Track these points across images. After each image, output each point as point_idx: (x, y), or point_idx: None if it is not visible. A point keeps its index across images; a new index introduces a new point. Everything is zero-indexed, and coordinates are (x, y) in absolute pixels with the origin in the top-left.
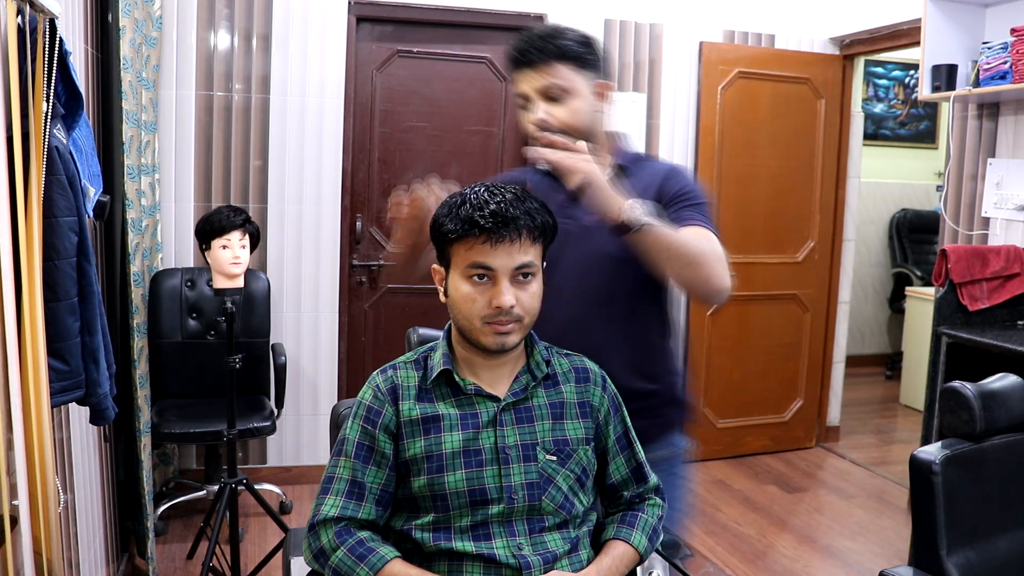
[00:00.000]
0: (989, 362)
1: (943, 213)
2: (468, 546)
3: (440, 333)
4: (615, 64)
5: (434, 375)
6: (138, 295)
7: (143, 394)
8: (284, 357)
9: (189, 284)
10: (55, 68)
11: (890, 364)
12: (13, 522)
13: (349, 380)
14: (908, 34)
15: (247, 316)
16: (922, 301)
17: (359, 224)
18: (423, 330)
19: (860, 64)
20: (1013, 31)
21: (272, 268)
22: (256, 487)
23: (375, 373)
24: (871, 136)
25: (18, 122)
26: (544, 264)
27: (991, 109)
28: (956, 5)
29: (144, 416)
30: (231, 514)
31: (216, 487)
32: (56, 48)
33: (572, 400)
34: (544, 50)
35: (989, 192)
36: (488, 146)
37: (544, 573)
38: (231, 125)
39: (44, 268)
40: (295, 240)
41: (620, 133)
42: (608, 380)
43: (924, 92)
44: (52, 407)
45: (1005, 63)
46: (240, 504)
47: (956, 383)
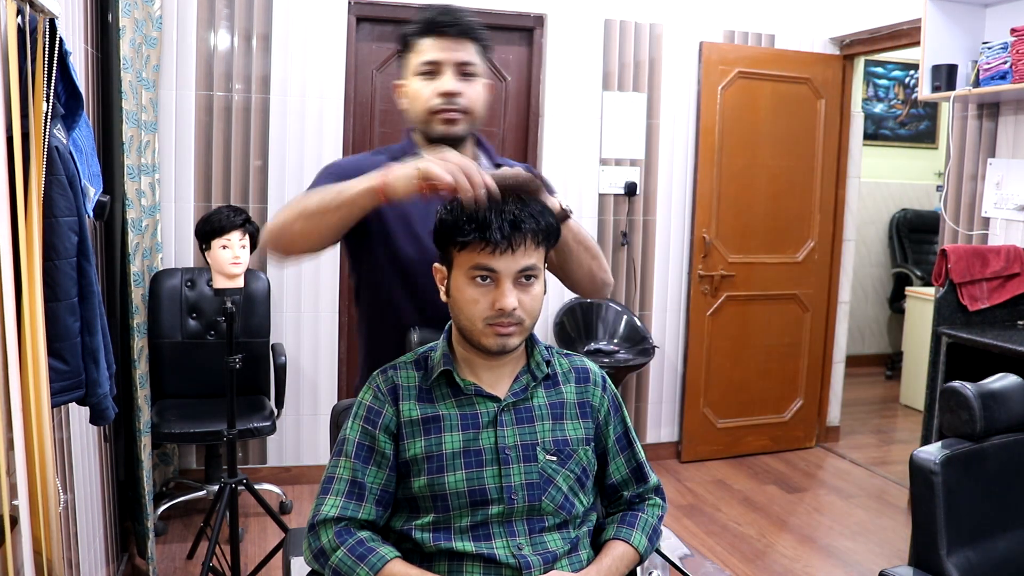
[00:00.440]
0: (989, 362)
1: (943, 213)
2: (468, 546)
3: (440, 333)
4: (615, 64)
5: (434, 375)
6: (138, 295)
7: (143, 394)
8: (284, 357)
9: (189, 284)
10: (55, 68)
11: (890, 364)
12: (13, 522)
13: (349, 380)
14: (908, 34)
15: (247, 316)
16: (922, 301)
17: None
18: (423, 330)
19: (860, 64)
20: (1013, 31)
21: (272, 268)
22: (256, 487)
23: (375, 373)
24: (871, 136)
25: (18, 122)
26: (545, 264)
27: (991, 109)
28: (956, 5)
29: (144, 416)
30: (231, 514)
31: (216, 487)
32: (56, 48)
33: (572, 400)
34: (468, 26)
35: (989, 192)
36: None
37: (544, 573)
38: (231, 125)
39: (44, 268)
40: None
41: None
42: (608, 380)
43: (924, 92)
44: (52, 407)
45: (1005, 63)
46: (240, 504)
47: (956, 383)
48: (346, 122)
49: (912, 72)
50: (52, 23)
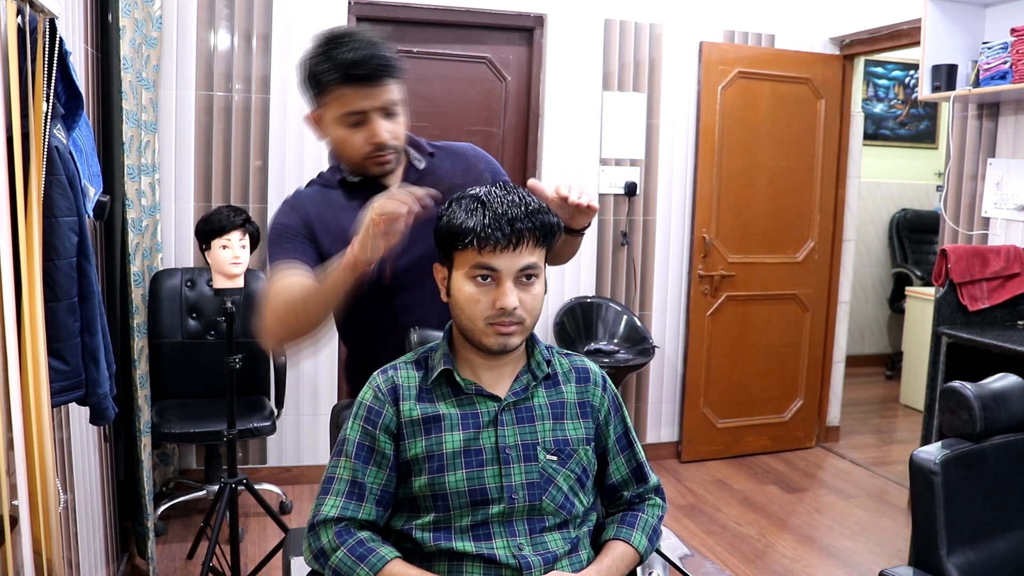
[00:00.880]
0: (989, 362)
1: (943, 213)
2: (468, 546)
3: (440, 333)
4: (615, 64)
5: (435, 375)
6: (138, 295)
7: (143, 394)
8: (284, 357)
9: (189, 284)
10: (55, 68)
11: (890, 364)
12: (13, 522)
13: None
14: (908, 34)
15: (247, 316)
16: (922, 301)
17: None
18: (423, 330)
19: (860, 64)
20: (1013, 31)
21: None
22: (256, 487)
23: (376, 373)
24: (871, 136)
25: (18, 122)
26: (546, 265)
27: (991, 109)
28: (956, 5)
29: (144, 416)
30: (231, 514)
31: (216, 487)
32: (56, 48)
33: (572, 400)
34: (384, 65)
35: (989, 192)
36: (488, 146)
37: (544, 573)
38: (231, 125)
39: (44, 268)
40: None
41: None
42: (608, 380)
43: (924, 92)
44: (52, 407)
45: (1005, 63)
46: (240, 504)
47: (956, 383)
48: None
49: (912, 72)
50: (52, 23)
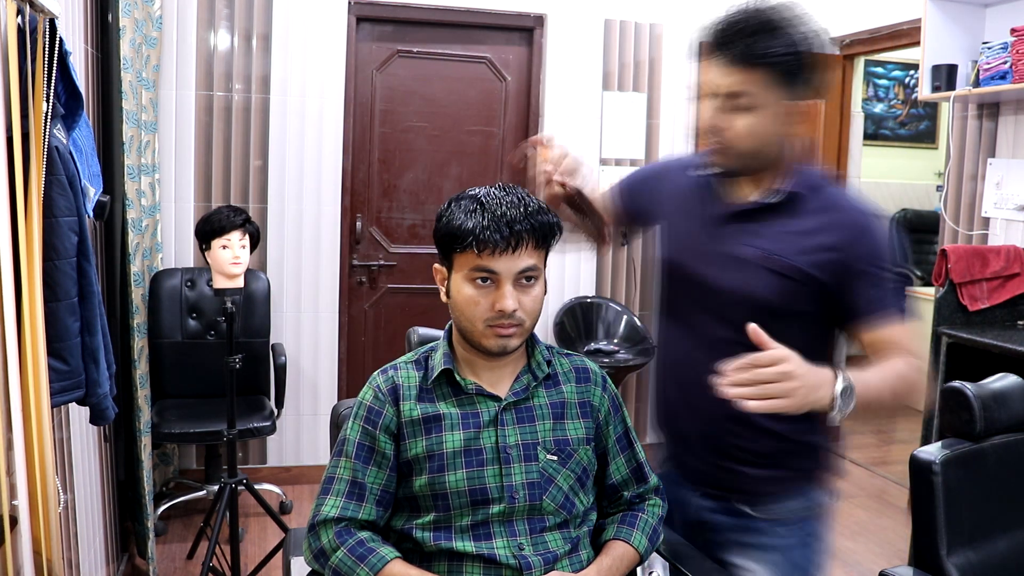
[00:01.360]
0: (989, 362)
1: (943, 213)
2: (468, 546)
3: (440, 333)
4: (615, 64)
5: (435, 375)
6: (138, 295)
7: (143, 394)
8: (284, 357)
9: (189, 284)
10: (55, 68)
11: None
12: (13, 522)
13: (349, 380)
14: (908, 34)
15: (247, 316)
16: (922, 301)
17: (359, 224)
18: (423, 330)
19: (860, 64)
20: (1013, 31)
21: (272, 268)
22: (256, 487)
23: (376, 373)
24: (871, 136)
25: (18, 122)
26: (546, 266)
27: (991, 109)
28: (956, 5)
29: (144, 416)
30: (231, 514)
31: (216, 487)
32: (56, 48)
33: (573, 400)
34: (750, 47)
35: (989, 192)
36: (488, 146)
37: (545, 573)
38: (231, 125)
39: (44, 268)
40: (295, 240)
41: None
42: (608, 380)
43: (924, 92)
44: (52, 407)
45: (1005, 63)
46: (240, 504)
47: (956, 383)
48: (346, 122)
49: (912, 72)
50: (52, 23)
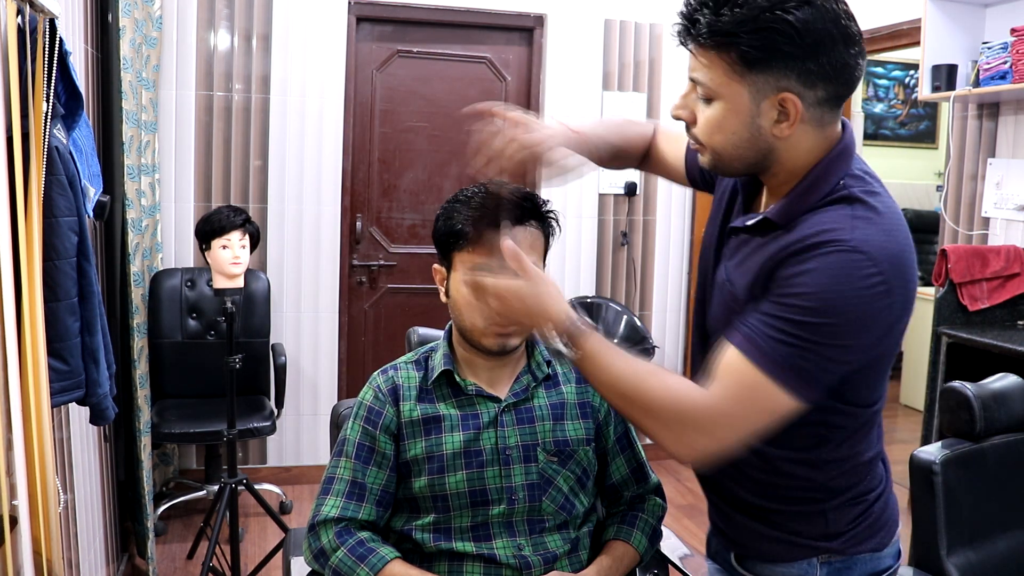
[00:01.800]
0: (989, 362)
1: (943, 213)
2: (468, 547)
3: (440, 333)
4: (615, 64)
5: (435, 375)
6: (138, 295)
7: (143, 394)
8: (284, 357)
9: (189, 284)
10: (55, 68)
11: None
12: (13, 522)
13: (349, 380)
14: (908, 34)
15: (247, 316)
16: (922, 301)
17: (359, 224)
18: (423, 330)
19: None
20: (1013, 31)
21: (272, 268)
22: (256, 487)
23: (376, 374)
24: (871, 136)
25: (18, 122)
26: (545, 263)
27: (991, 109)
28: (956, 5)
29: (144, 416)
30: (231, 514)
31: (216, 487)
32: (56, 48)
33: (572, 401)
34: (694, 22)
35: (989, 192)
36: None
37: (544, 573)
38: (231, 125)
39: (44, 268)
40: (295, 240)
41: (836, 160)
42: None
43: (924, 92)
44: (52, 407)
45: (1005, 63)
46: (240, 504)
47: (956, 383)
48: (346, 122)
49: (912, 72)
50: (52, 23)
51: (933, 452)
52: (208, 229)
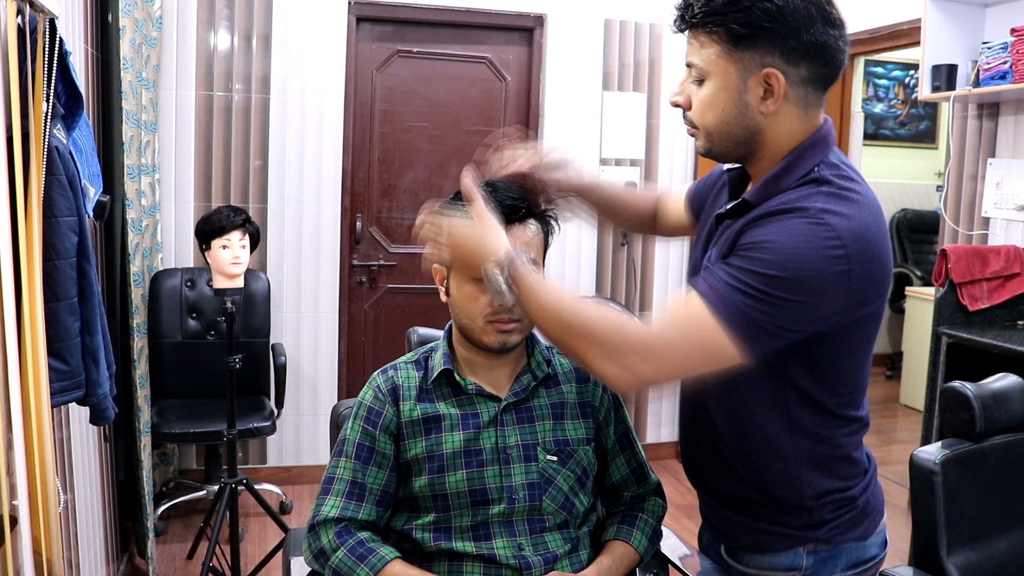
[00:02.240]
0: (989, 362)
1: (943, 213)
2: (468, 546)
3: (440, 333)
4: (615, 64)
5: (435, 375)
6: (138, 295)
7: (143, 394)
8: (284, 357)
9: (189, 284)
10: (55, 68)
11: (890, 364)
12: (13, 522)
13: (349, 380)
14: (908, 34)
15: (247, 316)
16: (922, 301)
17: (359, 224)
18: (423, 330)
19: (860, 64)
20: (1013, 31)
21: (272, 268)
22: (256, 487)
23: (376, 373)
24: (871, 136)
25: (18, 122)
26: (544, 262)
27: (991, 109)
28: (956, 5)
29: (144, 416)
30: (231, 514)
31: (216, 487)
32: (56, 48)
33: (573, 400)
34: (688, 8)
35: (989, 192)
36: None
37: (544, 573)
38: (231, 125)
39: (44, 268)
40: (295, 240)
41: (815, 144)
42: None
43: (924, 92)
44: (52, 407)
45: (1005, 63)
46: (240, 504)
47: (956, 383)
48: (346, 122)
49: (912, 72)
50: (52, 23)
51: (933, 452)
52: (208, 229)
